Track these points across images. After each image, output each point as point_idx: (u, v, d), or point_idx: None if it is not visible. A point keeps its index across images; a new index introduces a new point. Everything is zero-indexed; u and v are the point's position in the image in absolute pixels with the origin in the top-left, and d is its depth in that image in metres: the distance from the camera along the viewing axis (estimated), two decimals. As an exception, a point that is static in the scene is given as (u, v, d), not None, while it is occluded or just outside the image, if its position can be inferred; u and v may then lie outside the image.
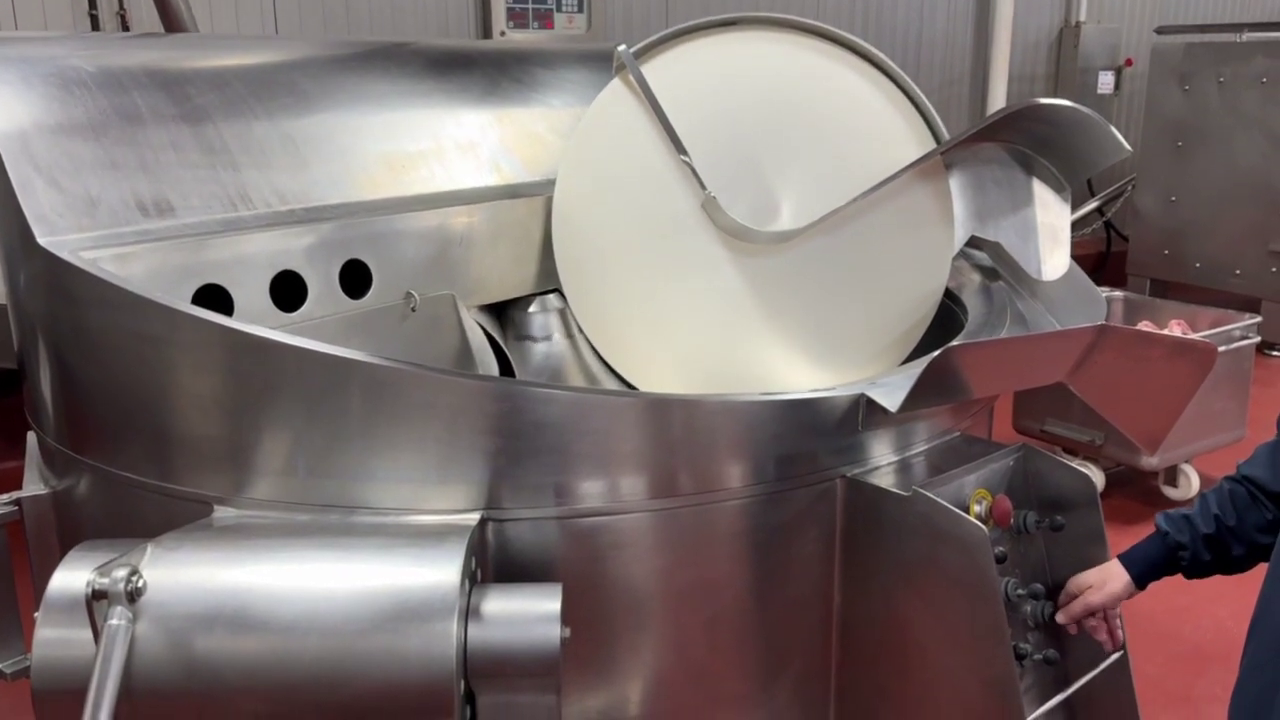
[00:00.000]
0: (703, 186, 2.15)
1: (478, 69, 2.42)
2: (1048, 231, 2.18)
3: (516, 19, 5.32)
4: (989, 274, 2.39)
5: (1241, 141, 6.09)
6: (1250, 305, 5.44)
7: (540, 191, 2.26)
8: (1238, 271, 6.23)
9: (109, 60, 1.91)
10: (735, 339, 2.19)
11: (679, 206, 2.19)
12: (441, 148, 2.18)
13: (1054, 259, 2.18)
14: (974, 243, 2.50)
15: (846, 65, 2.25)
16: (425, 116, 2.22)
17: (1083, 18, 7.50)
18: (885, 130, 2.21)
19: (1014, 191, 2.21)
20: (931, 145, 2.18)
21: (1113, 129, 2.07)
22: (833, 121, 2.22)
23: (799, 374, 2.17)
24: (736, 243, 2.18)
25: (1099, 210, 7.43)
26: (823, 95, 2.23)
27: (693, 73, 2.25)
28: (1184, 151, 6.38)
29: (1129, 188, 7.17)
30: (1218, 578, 1.81)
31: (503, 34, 5.25)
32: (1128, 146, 2.07)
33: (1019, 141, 2.21)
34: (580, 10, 5.49)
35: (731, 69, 2.26)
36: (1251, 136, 6.04)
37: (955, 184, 2.20)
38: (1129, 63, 7.60)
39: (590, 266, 2.24)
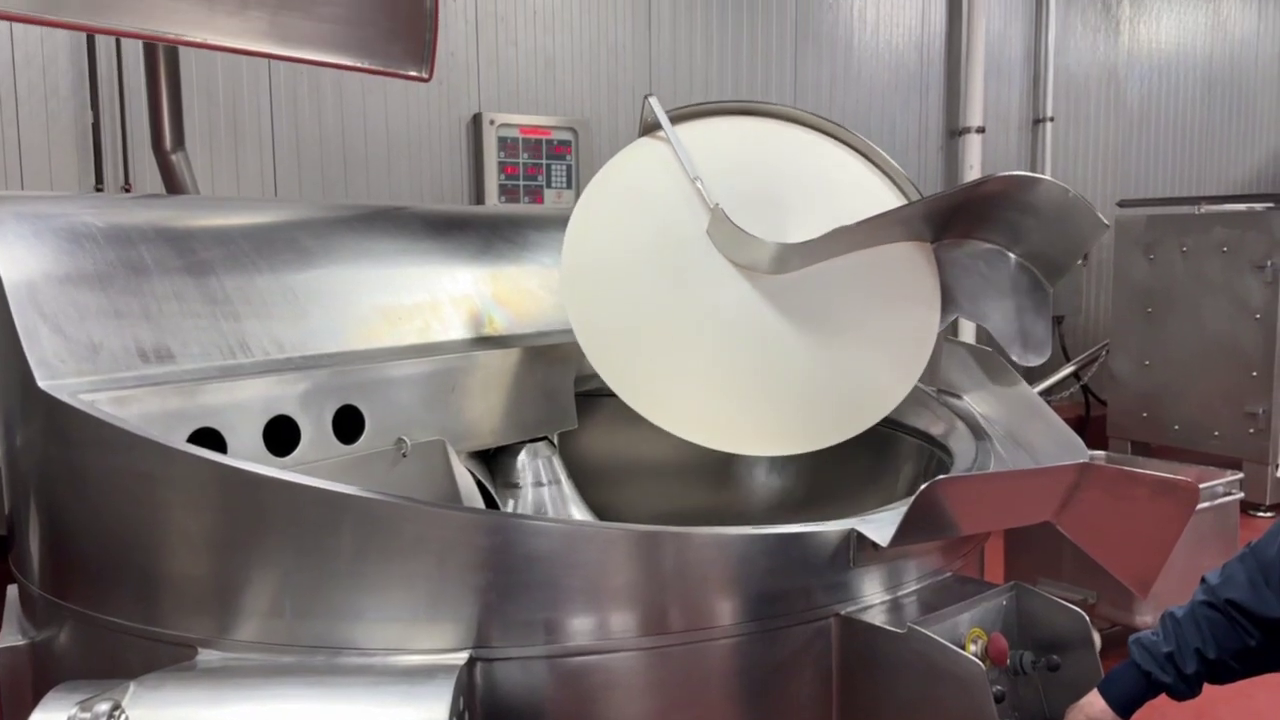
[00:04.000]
0: (709, 203, 2.21)
1: (473, 230, 2.53)
2: (1028, 323, 2.31)
3: (509, 194, 5.54)
4: (973, 424, 2.43)
5: (1208, 307, 6.27)
6: (1232, 465, 5.46)
7: (532, 342, 2.31)
8: (1216, 433, 6.30)
9: (118, 217, 2.00)
10: (743, 377, 2.21)
11: (690, 235, 2.24)
12: (437, 301, 2.25)
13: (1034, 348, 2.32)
14: (956, 393, 2.57)
15: (848, 153, 2.44)
16: (422, 272, 2.30)
17: (1047, 193, 7.86)
18: (880, 204, 2.35)
19: (997, 282, 2.33)
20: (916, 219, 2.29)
21: (1092, 207, 2.13)
22: (835, 190, 2.38)
23: (806, 414, 2.22)
24: (745, 275, 2.23)
25: (1075, 375, 7.57)
26: (826, 173, 2.41)
27: (711, 139, 2.39)
28: (1154, 317, 6.56)
29: (1103, 353, 7.33)
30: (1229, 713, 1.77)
31: (494, 207, 5.47)
32: (1106, 223, 2.13)
33: (999, 238, 2.32)
34: (569, 186, 5.74)
35: (747, 140, 2.44)
36: (1218, 302, 6.23)
37: (943, 270, 2.34)
38: (1095, 234, 7.91)
39: (601, 299, 2.23)
